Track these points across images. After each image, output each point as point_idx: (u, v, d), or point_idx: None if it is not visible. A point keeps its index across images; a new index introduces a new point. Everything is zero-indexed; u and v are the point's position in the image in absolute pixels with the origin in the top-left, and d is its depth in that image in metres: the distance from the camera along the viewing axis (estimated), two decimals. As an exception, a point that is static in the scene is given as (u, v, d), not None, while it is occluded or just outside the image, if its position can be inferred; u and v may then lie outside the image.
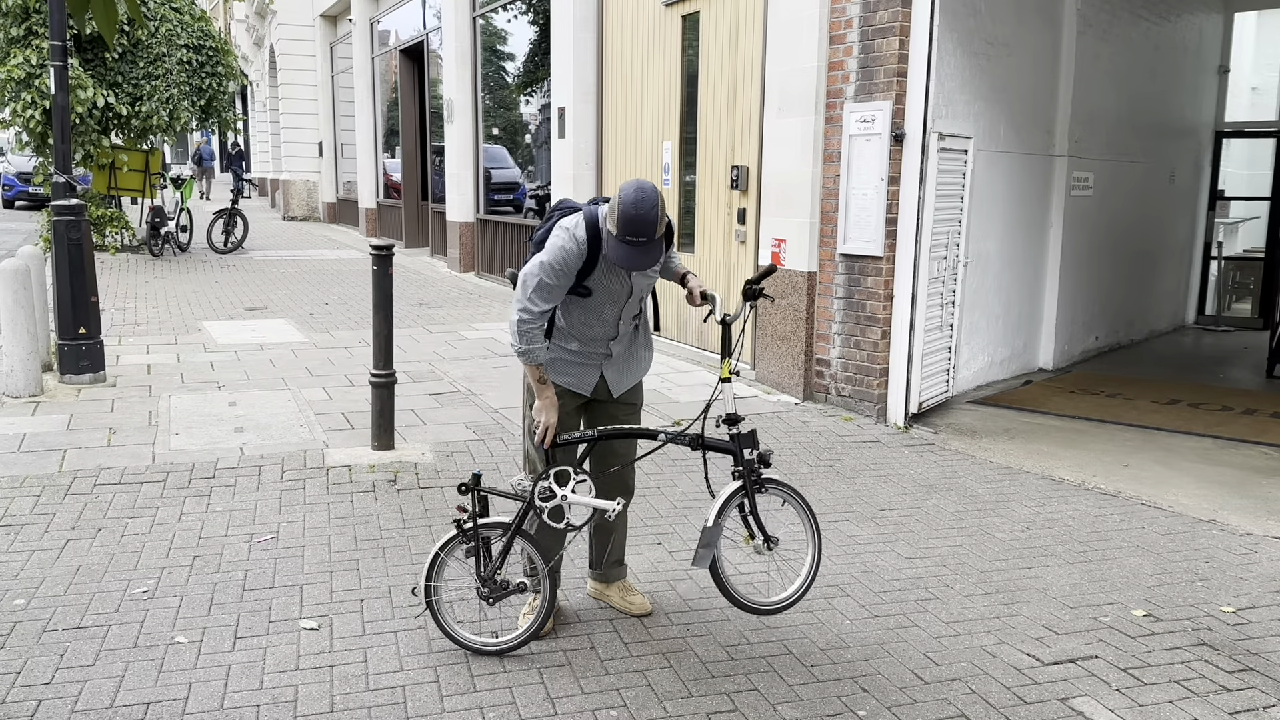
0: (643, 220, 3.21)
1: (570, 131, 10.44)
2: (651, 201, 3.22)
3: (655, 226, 3.23)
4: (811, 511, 3.71)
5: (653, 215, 3.22)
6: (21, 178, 23.74)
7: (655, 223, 3.23)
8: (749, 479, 3.54)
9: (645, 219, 3.21)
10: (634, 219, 3.21)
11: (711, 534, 3.52)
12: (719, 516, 3.53)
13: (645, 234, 3.23)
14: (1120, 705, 3.33)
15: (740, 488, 3.55)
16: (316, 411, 6.63)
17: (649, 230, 3.23)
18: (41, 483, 5.14)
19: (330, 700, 3.25)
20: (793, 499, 3.69)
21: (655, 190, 3.27)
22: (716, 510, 3.53)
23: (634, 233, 3.22)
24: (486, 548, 3.50)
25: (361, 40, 19.45)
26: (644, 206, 3.21)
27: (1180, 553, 4.69)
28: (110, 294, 11.32)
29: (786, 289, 7.34)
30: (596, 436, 3.56)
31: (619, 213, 3.23)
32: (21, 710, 3.14)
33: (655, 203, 3.22)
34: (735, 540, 4.13)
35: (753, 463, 3.54)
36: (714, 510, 3.53)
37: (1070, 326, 8.98)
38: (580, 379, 3.68)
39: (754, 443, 3.55)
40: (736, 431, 3.55)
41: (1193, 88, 10.74)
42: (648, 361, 3.84)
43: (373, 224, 19.83)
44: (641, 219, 3.21)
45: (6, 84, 12.70)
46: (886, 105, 6.50)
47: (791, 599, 3.70)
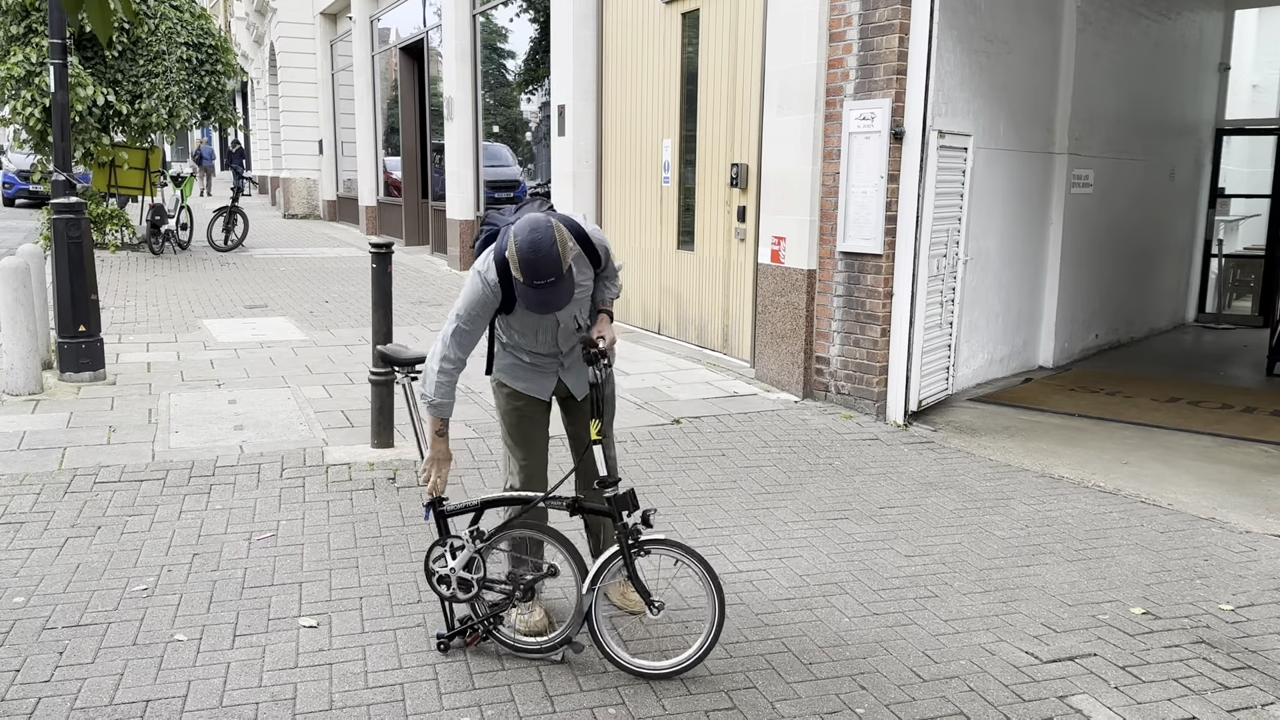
0: (544, 262, 3.12)
1: (570, 129, 10.44)
2: (549, 240, 3.12)
3: (558, 264, 3.14)
4: (709, 569, 3.39)
5: (553, 254, 3.12)
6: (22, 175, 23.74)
7: (557, 260, 3.14)
8: (625, 543, 3.37)
9: (546, 259, 3.12)
10: (534, 263, 3.12)
11: (584, 601, 3.40)
12: (592, 585, 3.40)
13: (551, 274, 3.14)
14: (1119, 703, 3.33)
15: (615, 553, 3.40)
16: (316, 409, 6.63)
17: (554, 269, 3.14)
18: (41, 480, 5.14)
19: (329, 698, 3.26)
20: (685, 558, 3.41)
21: (549, 226, 3.16)
22: (590, 579, 3.40)
23: (538, 275, 3.14)
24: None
25: (361, 38, 19.44)
26: (542, 248, 3.11)
27: (1179, 550, 4.69)
28: (110, 292, 11.32)
29: (786, 287, 7.34)
30: (481, 505, 3.51)
31: (518, 260, 3.15)
32: (21, 708, 3.15)
33: (552, 240, 3.12)
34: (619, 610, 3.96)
35: (630, 526, 3.37)
36: (587, 580, 3.41)
37: (1070, 324, 8.98)
38: (538, 384, 3.69)
39: (632, 504, 3.37)
40: (613, 494, 3.38)
41: (1193, 85, 10.73)
42: (578, 385, 3.76)
43: (373, 222, 19.83)
44: (541, 261, 3.12)
45: (6, 82, 12.69)
46: (886, 103, 6.49)
47: (689, 660, 3.42)
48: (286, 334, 9.29)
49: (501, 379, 3.72)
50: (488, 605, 3.55)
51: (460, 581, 3.48)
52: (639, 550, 3.40)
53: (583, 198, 10.46)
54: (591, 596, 3.40)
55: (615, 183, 10.22)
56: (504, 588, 3.54)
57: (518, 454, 3.74)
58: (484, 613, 3.53)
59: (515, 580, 3.56)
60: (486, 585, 3.51)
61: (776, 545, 4.64)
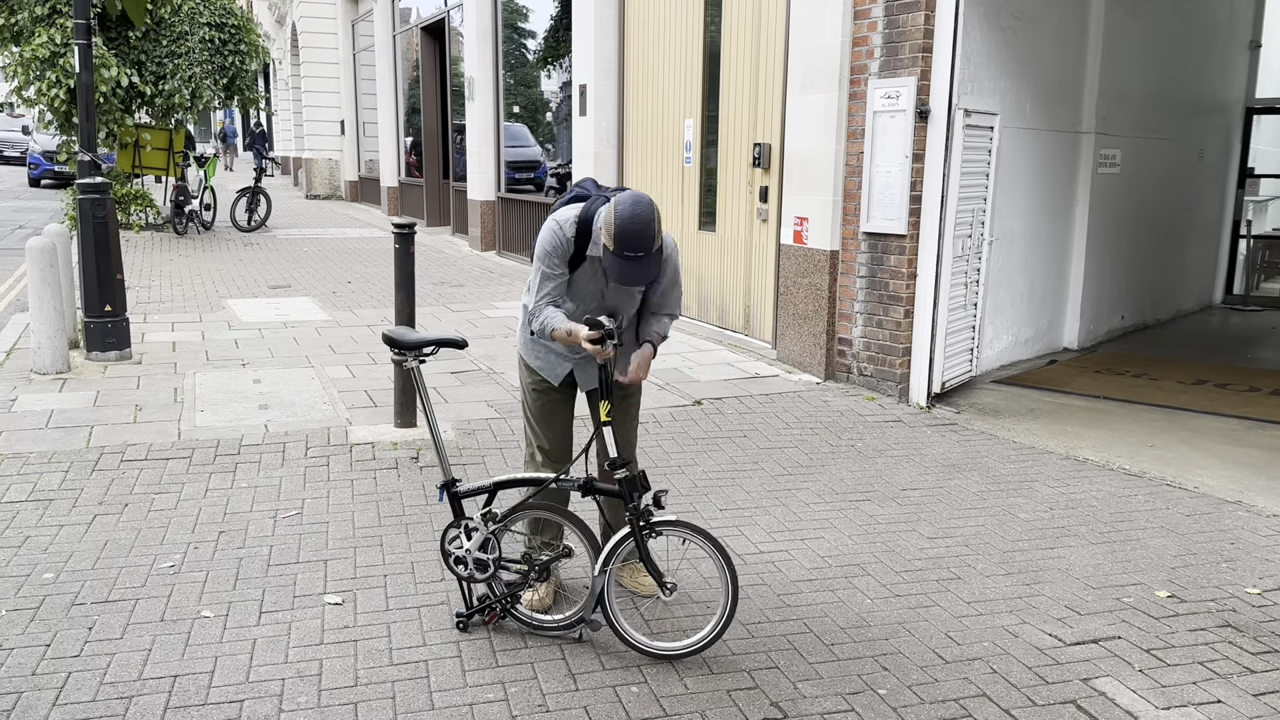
0: (640, 235, 3.16)
1: (591, 109, 10.40)
2: (648, 215, 3.16)
3: (652, 240, 3.18)
4: (721, 549, 3.38)
5: (650, 230, 3.16)
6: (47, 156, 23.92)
7: (653, 237, 3.18)
8: (637, 525, 3.36)
9: (643, 234, 3.16)
10: (630, 234, 3.16)
11: (596, 583, 3.40)
12: (604, 566, 3.40)
13: (642, 248, 3.18)
14: (1143, 686, 3.32)
15: (627, 534, 3.40)
16: (340, 389, 6.67)
17: (646, 245, 3.18)
18: (69, 458, 5.20)
19: (354, 674, 3.29)
20: (696, 538, 3.39)
21: (651, 204, 3.21)
22: (602, 561, 3.40)
23: (631, 248, 3.17)
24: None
25: (383, 17, 19.42)
26: (640, 221, 3.15)
27: (1205, 534, 4.66)
28: (135, 272, 11.41)
29: (808, 268, 7.30)
30: (494, 487, 3.52)
31: (615, 227, 3.17)
32: (52, 682, 3.20)
33: (652, 216, 3.17)
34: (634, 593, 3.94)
35: (641, 507, 3.36)
36: (599, 561, 3.41)
37: (1096, 306, 8.90)
38: (550, 368, 3.70)
39: (643, 486, 3.36)
40: (625, 475, 3.36)
41: (1223, 63, 10.57)
42: (623, 368, 3.73)
43: (394, 202, 19.87)
44: (639, 234, 3.16)
45: (31, 63, 12.76)
46: (911, 81, 6.43)
47: (703, 642, 3.41)
48: (310, 314, 9.34)
49: (524, 355, 3.75)
50: (504, 584, 3.57)
51: (476, 562, 3.50)
52: (650, 532, 3.39)
53: (604, 178, 10.43)
54: (604, 578, 3.40)
55: (636, 163, 10.18)
56: (520, 568, 3.56)
57: (537, 432, 3.77)
58: (501, 591, 3.54)
59: (530, 561, 3.57)
60: (503, 565, 3.53)
61: (798, 526, 4.64)
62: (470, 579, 3.52)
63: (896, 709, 3.16)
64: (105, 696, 3.12)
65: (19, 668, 3.27)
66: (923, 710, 3.16)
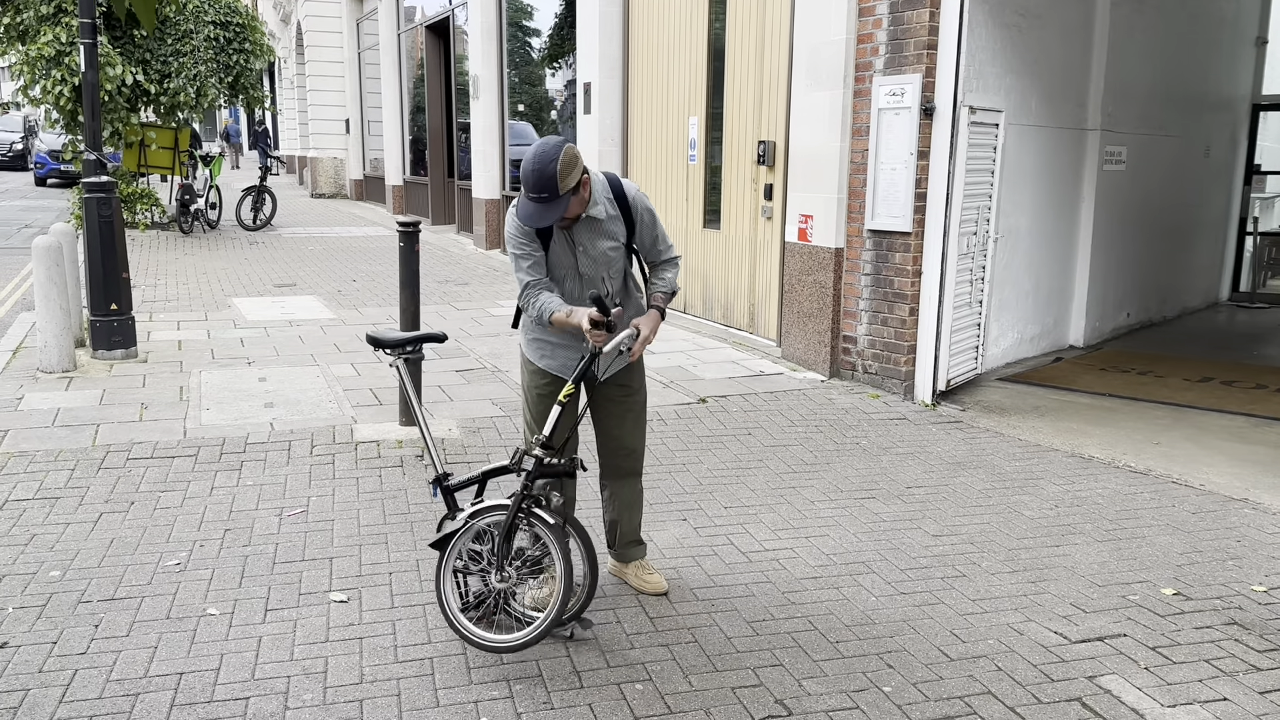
0: (539, 174, 3.22)
1: (596, 107, 10.40)
2: (550, 156, 3.22)
3: (554, 181, 3.22)
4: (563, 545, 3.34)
5: (549, 170, 3.21)
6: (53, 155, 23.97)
7: (553, 177, 3.21)
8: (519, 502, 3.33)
9: (542, 173, 3.22)
10: (530, 173, 3.25)
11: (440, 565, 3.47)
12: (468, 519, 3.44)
13: (544, 189, 3.24)
14: (1149, 684, 3.31)
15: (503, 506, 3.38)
16: (345, 387, 6.68)
17: (548, 185, 3.23)
18: (75, 457, 5.21)
19: (360, 672, 3.29)
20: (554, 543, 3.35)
21: (558, 146, 3.26)
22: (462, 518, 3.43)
23: (533, 188, 3.25)
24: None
25: (388, 16, 19.42)
26: (541, 161, 3.22)
27: (1211, 531, 4.65)
28: (141, 270, 11.43)
29: (813, 265, 7.30)
30: (483, 477, 3.53)
31: (522, 169, 3.28)
32: (59, 679, 3.20)
33: (554, 158, 3.22)
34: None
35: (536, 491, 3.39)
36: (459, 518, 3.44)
37: (1101, 303, 8.88)
38: (561, 362, 3.67)
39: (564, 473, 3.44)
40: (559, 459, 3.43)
41: (1229, 59, 10.54)
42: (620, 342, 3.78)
43: (399, 201, 19.88)
44: (538, 173, 3.23)
45: (37, 61, 12.79)
46: (916, 78, 6.42)
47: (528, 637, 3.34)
48: (315, 312, 9.35)
49: (528, 354, 3.73)
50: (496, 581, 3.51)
51: (470, 554, 3.45)
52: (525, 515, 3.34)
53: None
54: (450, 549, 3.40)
55: (641, 161, 10.18)
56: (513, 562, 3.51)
57: (535, 431, 3.74)
58: (496, 586, 3.50)
59: (521, 555, 3.50)
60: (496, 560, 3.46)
61: (803, 524, 4.64)
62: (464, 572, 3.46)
63: (901, 706, 3.16)
64: (111, 694, 3.13)
65: (26, 665, 3.28)
66: (928, 708, 3.15)
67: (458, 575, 3.46)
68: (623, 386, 3.75)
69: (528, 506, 3.36)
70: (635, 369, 3.78)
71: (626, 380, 3.75)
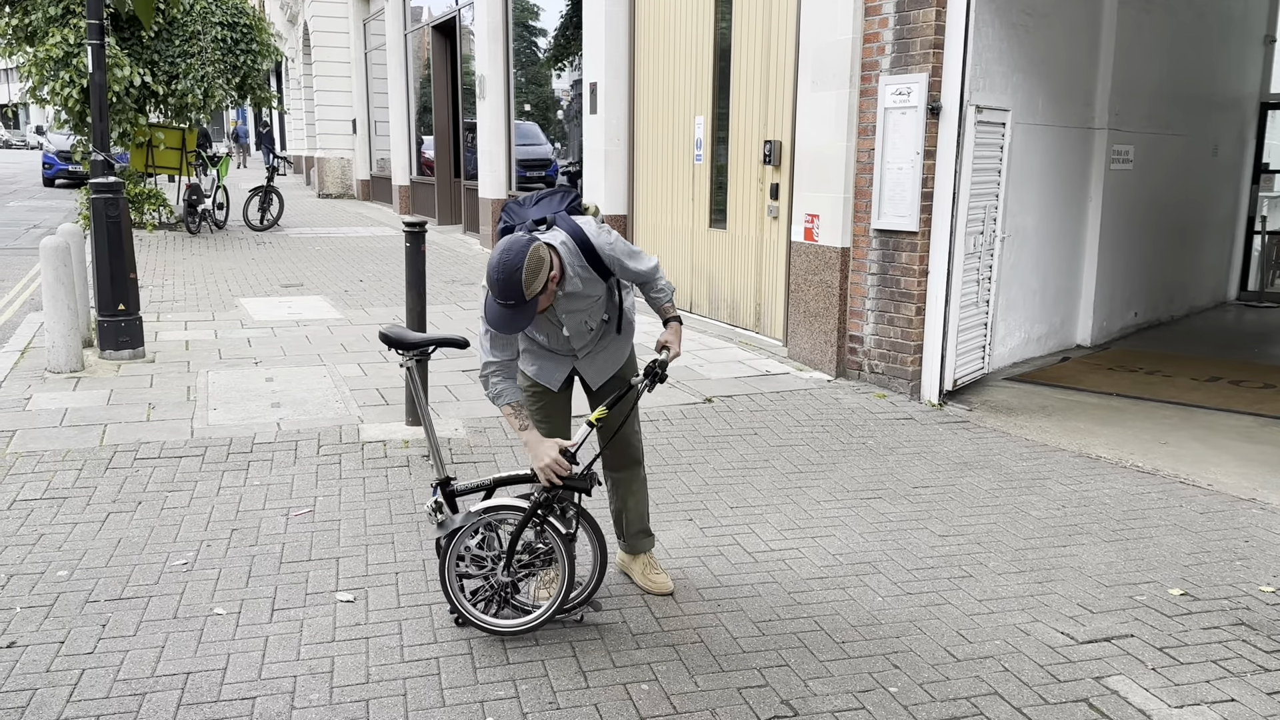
0: (506, 284, 3.13)
1: (602, 107, 10.40)
2: (514, 265, 3.11)
3: (519, 290, 3.13)
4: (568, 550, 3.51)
5: (515, 279, 3.11)
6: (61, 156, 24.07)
7: (519, 286, 3.12)
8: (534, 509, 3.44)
9: (508, 283, 3.12)
10: (497, 282, 3.15)
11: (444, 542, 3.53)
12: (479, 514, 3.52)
13: (511, 296, 3.15)
14: (1156, 684, 3.30)
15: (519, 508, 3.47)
16: (351, 387, 6.69)
17: (514, 294, 3.14)
18: (83, 457, 5.23)
19: (366, 671, 3.30)
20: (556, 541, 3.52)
21: (523, 250, 3.14)
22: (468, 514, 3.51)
23: (500, 295, 3.16)
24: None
25: (394, 16, 19.45)
26: (506, 270, 3.11)
27: (1219, 531, 4.63)
28: (148, 271, 11.47)
29: (820, 265, 7.29)
30: (493, 484, 3.57)
31: (487, 274, 3.19)
32: (66, 678, 3.22)
33: (518, 266, 3.10)
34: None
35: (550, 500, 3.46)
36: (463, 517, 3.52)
37: (1109, 302, 8.85)
38: (548, 373, 3.70)
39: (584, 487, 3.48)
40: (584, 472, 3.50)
41: (1238, 58, 10.50)
42: (625, 349, 3.77)
43: (406, 201, 19.91)
44: (504, 283, 3.13)
45: (45, 63, 12.83)
46: (923, 77, 6.41)
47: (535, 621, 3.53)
48: (322, 313, 9.37)
49: (521, 363, 3.74)
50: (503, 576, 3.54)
51: (474, 558, 3.51)
52: (540, 522, 3.44)
53: (614, 176, 10.44)
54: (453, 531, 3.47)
55: (647, 161, 10.18)
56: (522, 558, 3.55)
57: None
58: (499, 582, 3.52)
59: (531, 551, 3.54)
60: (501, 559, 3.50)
61: (809, 524, 4.63)
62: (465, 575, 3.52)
63: (907, 707, 3.15)
64: (119, 693, 3.14)
65: (33, 664, 3.29)
66: (934, 708, 3.15)
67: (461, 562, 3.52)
68: (617, 379, 3.78)
69: (543, 515, 3.43)
70: (627, 365, 3.79)
71: (625, 375, 3.78)
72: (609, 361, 3.73)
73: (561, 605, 3.51)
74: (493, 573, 3.51)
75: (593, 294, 3.50)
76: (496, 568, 3.50)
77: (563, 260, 3.36)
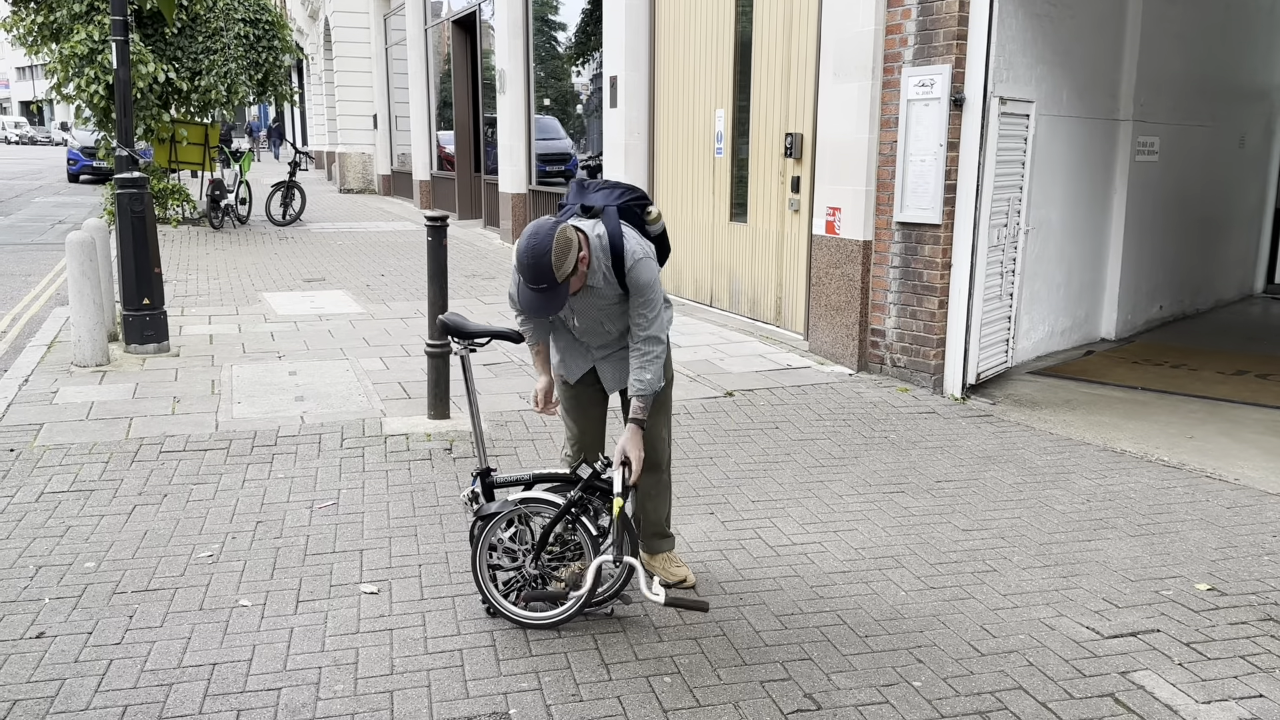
0: (534, 267, 3.15)
1: (622, 100, 10.39)
2: (544, 248, 3.13)
3: (550, 273, 3.15)
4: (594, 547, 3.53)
5: (544, 263, 3.13)
6: (86, 152, 24.28)
7: (549, 269, 3.14)
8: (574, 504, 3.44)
9: (538, 266, 3.14)
10: (527, 267, 3.16)
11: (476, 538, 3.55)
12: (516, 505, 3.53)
13: (543, 280, 3.16)
14: (1183, 680, 3.28)
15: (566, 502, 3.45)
16: (374, 381, 6.72)
17: (545, 277, 3.15)
18: (109, 449, 5.27)
19: (390, 663, 3.31)
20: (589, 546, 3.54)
21: (550, 234, 3.16)
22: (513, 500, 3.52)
23: (531, 280, 3.18)
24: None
25: (414, 11, 19.50)
26: (535, 253, 3.13)
27: (1246, 526, 4.59)
28: (172, 265, 11.55)
29: (841, 258, 7.26)
30: (532, 480, 3.57)
31: (516, 258, 3.21)
32: (94, 669, 3.25)
33: (547, 249, 3.13)
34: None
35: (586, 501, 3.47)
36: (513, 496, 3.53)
37: (1134, 295, 8.78)
38: (568, 366, 3.72)
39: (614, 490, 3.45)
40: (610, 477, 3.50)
41: (1265, 48, 10.37)
42: (608, 379, 3.75)
43: (426, 196, 19.96)
44: (534, 266, 3.15)
45: (70, 60, 12.93)
46: (946, 69, 6.37)
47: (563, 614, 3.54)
48: (344, 307, 9.41)
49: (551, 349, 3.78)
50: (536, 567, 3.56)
51: (505, 550, 3.55)
52: (573, 520, 3.46)
53: (634, 170, 10.42)
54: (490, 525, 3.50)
55: (667, 154, 10.16)
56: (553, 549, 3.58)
57: (566, 424, 3.87)
58: (529, 574, 3.55)
59: (562, 544, 3.59)
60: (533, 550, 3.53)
61: (831, 518, 4.62)
62: (497, 568, 3.55)
63: (931, 701, 3.14)
64: (146, 684, 3.17)
65: (62, 655, 3.33)
66: (958, 702, 3.14)
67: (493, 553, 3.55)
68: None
69: (576, 513, 3.45)
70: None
71: None
72: (627, 369, 3.70)
73: (590, 599, 3.52)
74: (523, 565, 3.54)
75: (609, 295, 3.49)
76: (527, 560, 3.53)
77: (591, 250, 3.37)
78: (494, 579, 3.59)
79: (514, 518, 3.54)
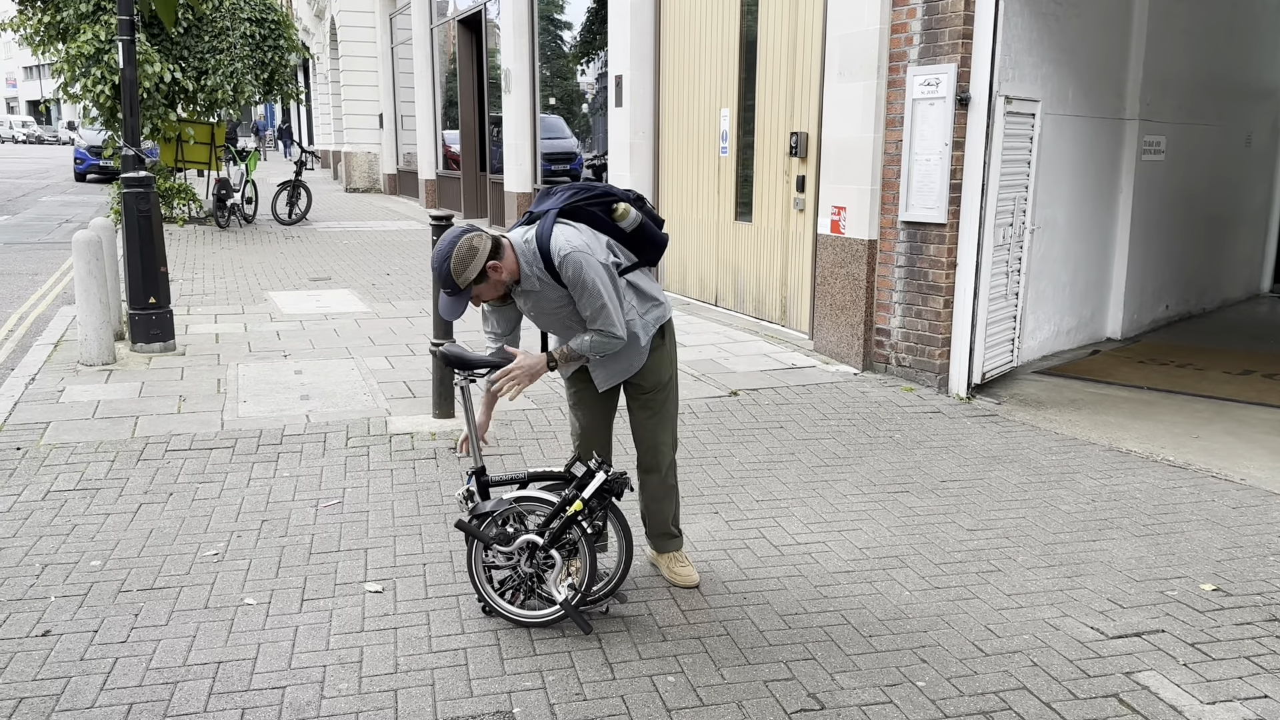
0: (437, 271, 3.26)
1: (627, 100, 10.39)
2: (443, 254, 3.22)
3: (450, 279, 3.23)
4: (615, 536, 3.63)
5: (444, 268, 3.22)
6: (92, 151, 24.33)
7: (448, 274, 3.22)
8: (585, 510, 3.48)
9: (439, 270, 3.25)
10: (434, 271, 3.30)
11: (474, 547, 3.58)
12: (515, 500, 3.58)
13: (448, 285, 3.26)
14: (1187, 680, 3.27)
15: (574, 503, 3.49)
16: (379, 380, 6.73)
17: (448, 282, 3.25)
18: (115, 448, 5.29)
19: (394, 661, 3.32)
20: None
21: (452, 244, 3.21)
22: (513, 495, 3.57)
23: (440, 283, 3.29)
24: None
25: (420, 11, 19.51)
26: (437, 258, 3.25)
27: (1252, 526, 4.57)
28: (178, 264, 11.58)
29: (846, 258, 7.25)
30: (527, 479, 3.60)
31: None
32: (100, 667, 3.26)
33: (446, 255, 3.21)
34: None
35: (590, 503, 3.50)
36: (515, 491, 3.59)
37: (1140, 295, 8.76)
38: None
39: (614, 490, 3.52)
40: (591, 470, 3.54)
41: (1272, 46, 10.34)
42: (636, 357, 3.68)
43: (432, 195, 19.99)
44: (438, 271, 3.26)
45: (77, 59, 12.97)
46: (951, 68, 6.36)
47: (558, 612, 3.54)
48: (350, 306, 9.43)
49: None
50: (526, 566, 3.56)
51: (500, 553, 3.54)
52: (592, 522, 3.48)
53: (640, 169, 10.43)
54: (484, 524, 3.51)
55: (672, 153, 10.16)
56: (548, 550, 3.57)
57: (572, 418, 3.88)
58: (524, 573, 3.54)
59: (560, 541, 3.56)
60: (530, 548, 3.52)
61: (835, 518, 4.62)
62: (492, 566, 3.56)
63: (935, 701, 3.14)
64: (151, 682, 3.18)
65: (68, 653, 3.34)
66: (962, 702, 3.13)
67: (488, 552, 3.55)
68: (636, 386, 3.77)
69: (571, 511, 3.45)
70: (647, 372, 3.73)
71: (639, 381, 3.75)
72: (617, 368, 3.68)
73: (585, 598, 3.52)
74: (518, 563, 3.53)
75: (555, 297, 3.43)
76: (521, 558, 3.53)
77: (518, 257, 3.36)
78: (490, 578, 3.59)
79: (508, 516, 3.54)
